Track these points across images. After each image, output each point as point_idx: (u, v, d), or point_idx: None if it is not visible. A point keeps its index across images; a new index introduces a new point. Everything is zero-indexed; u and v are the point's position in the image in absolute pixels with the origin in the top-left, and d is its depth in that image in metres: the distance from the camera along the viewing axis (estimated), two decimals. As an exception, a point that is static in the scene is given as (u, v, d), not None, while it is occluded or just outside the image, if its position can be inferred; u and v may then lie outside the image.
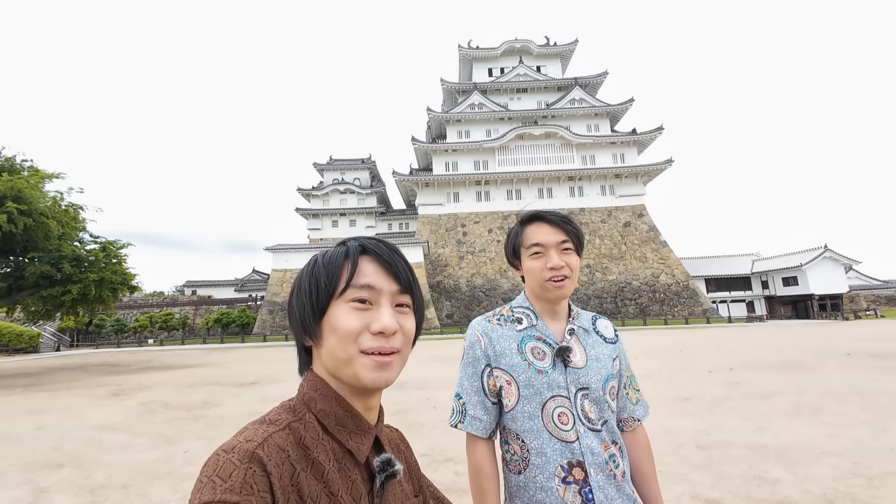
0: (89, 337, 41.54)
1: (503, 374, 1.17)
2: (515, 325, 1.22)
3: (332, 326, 0.64)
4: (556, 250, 1.18)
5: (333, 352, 0.64)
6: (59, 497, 4.14)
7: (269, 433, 0.58)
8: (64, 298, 18.21)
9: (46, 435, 6.75)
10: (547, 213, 1.22)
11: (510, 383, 1.15)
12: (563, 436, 1.10)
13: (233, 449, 0.55)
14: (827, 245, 41.73)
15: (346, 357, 0.63)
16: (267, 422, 0.62)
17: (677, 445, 5.04)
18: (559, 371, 1.14)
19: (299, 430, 0.61)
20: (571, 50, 55.60)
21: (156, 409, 8.68)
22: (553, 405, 1.12)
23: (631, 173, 48.25)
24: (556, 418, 1.11)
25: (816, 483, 3.80)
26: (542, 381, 1.13)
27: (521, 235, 1.24)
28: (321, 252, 0.70)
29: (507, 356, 1.17)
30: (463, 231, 47.66)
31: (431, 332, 36.88)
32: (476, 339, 1.22)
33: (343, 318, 0.64)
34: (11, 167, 18.99)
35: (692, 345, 18.93)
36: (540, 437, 1.11)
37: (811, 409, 6.61)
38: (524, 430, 1.13)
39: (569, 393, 1.12)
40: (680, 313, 42.18)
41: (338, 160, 57.59)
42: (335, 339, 0.64)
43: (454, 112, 50.81)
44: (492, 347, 1.19)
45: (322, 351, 0.66)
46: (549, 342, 1.18)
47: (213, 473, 0.53)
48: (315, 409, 0.64)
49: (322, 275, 0.66)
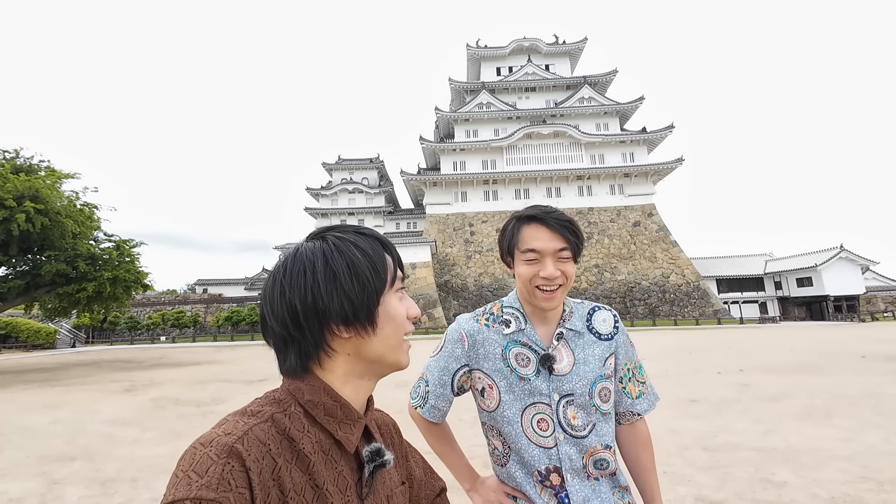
0: (104, 334, 42.43)
1: (485, 377, 1.15)
2: (503, 327, 1.17)
3: (391, 315, 0.66)
4: (552, 258, 1.09)
5: (388, 339, 0.66)
6: (70, 489, 4.25)
7: (249, 426, 0.57)
8: (79, 296, 18.63)
9: (61, 428, 6.92)
10: (547, 215, 1.12)
11: (491, 387, 1.14)
12: (542, 442, 1.09)
13: (210, 442, 0.54)
14: (843, 245, 40.86)
15: (396, 342, 0.67)
16: (248, 413, 0.60)
17: (683, 447, 4.98)
18: (542, 378, 1.11)
19: (283, 422, 0.60)
20: (581, 48, 55.19)
21: (166, 404, 8.85)
22: (533, 412, 1.10)
23: (640, 172, 47.75)
24: (535, 424, 1.10)
25: (825, 487, 3.73)
26: (523, 388, 1.11)
27: (516, 235, 1.15)
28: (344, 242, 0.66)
29: (489, 360, 1.14)
30: (471, 230, 47.63)
31: (439, 332, 36.94)
32: (459, 338, 1.18)
33: (398, 305, 0.68)
34: (29, 168, 19.47)
35: (702, 346, 18.68)
36: (519, 441, 1.10)
37: (822, 412, 6.48)
38: (505, 431, 1.13)
39: (550, 400, 1.10)
40: (690, 314, 41.65)
41: (346, 160, 57.95)
42: (393, 326, 0.67)
43: (462, 111, 50.79)
44: (474, 350, 1.17)
45: (373, 339, 0.65)
46: (535, 348, 1.13)
47: (189, 468, 0.51)
48: (303, 399, 0.63)
49: (375, 264, 0.66)
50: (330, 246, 0.65)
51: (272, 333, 0.65)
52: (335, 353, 0.65)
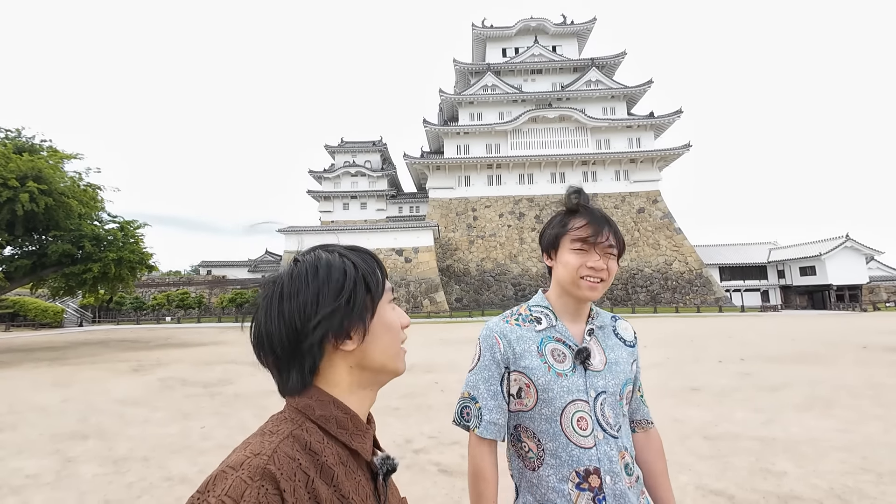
0: (110, 313, 42.97)
1: (522, 376, 1.13)
2: (534, 325, 1.18)
3: (388, 325, 0.69)
4: (600, 250, 1.13)
5: (387, 348, 0.69)
6: (84, 467, 4.37)
7: (275, 444, 0.57)
8: (85, 276, 18.81)
9: (72, 407, 7.08)
10: (594, 210, 1.16)
11: (529, 386, 1.12)
12: (581, 441, 1.07)
13: (241, 465, 0.53)
14: (849, 234, 40.53)
15: (395, 351, 0.70)
16: (268, 433, 0.60)
17: (684, 436, 5.05)
18: (579, 374, 1.11)
19: (303, 437, 0.60)
20: (589, 29, 53.74)
21: (174, 385, 9.01)
22: (573, 409, 1.09)
23: (647, 158, 47.10)
24: (576, 423, 1.08)
25: (824, 477, 3.79)
26: (561, 385, 1.10)
27: (567, 225, 1.16)
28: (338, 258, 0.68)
29: (526, 358, 1.13)
30: (473, 215, 47.43)
31: (441, 316, 37.23)
32: (494, 342, 1.17)
33: (392, 316, 0.71)
34: (31, 148, 19.37)
35: (703, 334, 18.77)
36: (556, 440, 1.08)
37: (823, 402, 6.54)
38: (541, 430, 1.10)
39: (588, 397, 1.10)
40: (692, 301, 41.72)
41: (349, 142, 57.37)
42: (390, 336, 0.70)
43: (466, 94, 49.89)
44: (511, 350, 1.15)
45: (374, 349, 0.68)
46: (569, 344, 1.14)
47: (222, 493, 0.50)
48: (314, 415, 0.63)
49: (371, 277, 0.69)
50: (325, 262, 0.67)
51: (271, 354, 0.64)
52: (338, 366, 0.66)
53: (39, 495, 3.72)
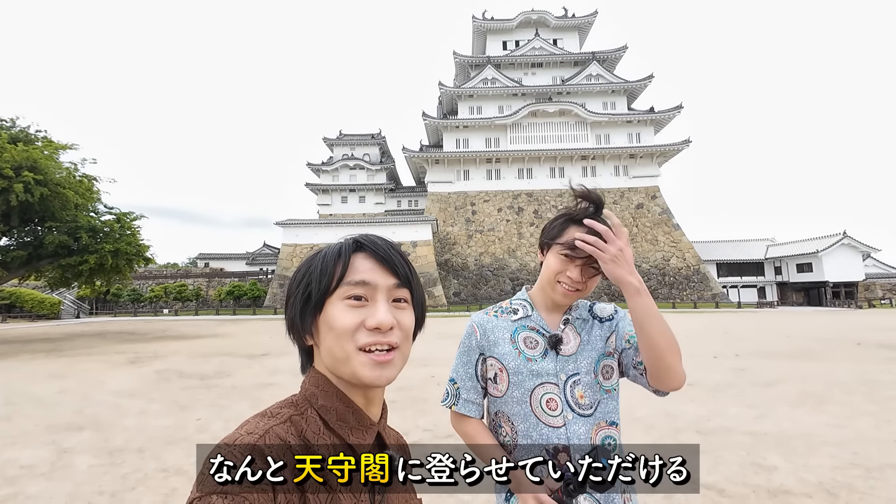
0: (107, 305, 42.92)
1: (496, 362, 1.22)
2: (511, 315, 1.27)
3: (329, 324, 0.64)
4: (582, 265, 1.13)
5: (331, 350, 0.64)
6: (79, 458, 4.37)
7: (269, 426, 0.59)
8: (82, 268, 18.76)
9: (68, 398, 7.08)
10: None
11: (502, 371, 1.20)
12: (551, 421, 1.14)
13: (234, 442, 0.56)
14: (846, 231, 40.67)
15: (343, 355, 0.63)
16: (268, 415, 0.63)
17: (676, 430, 5.09)
18: (550, 359, 1.18)
19: (300, 424, 0.62)
20: (590, 22, 53.33)
21: (170, 377, 9.02)
22: (541, 392, 1.16)
23: (646, 153, 47.04)
24: (545, 404, 1.15)
25: (814, 472, 3.83)
26: (530, 369, 1.17)
27: (564, 234, 1.16)
28: (319, 251, 0.69)
29: (499, 345, 1.22)
30: (472, 210, 47.36)
31: (438, 310, 37.31)
32: (472, 331, 1.28)
33: (338, 315, 0.63)
34: (26, 137, 19.20)
35: (699, 329, 18.88)
36: (527, 420, 1.15)
37: (815, 398, 6.59)
38: (514, 413, 1.17)
39: (558, 380, 1.17)
40: (689, 297, 41.90)
41: (347, 135, 57.00)
42: (332, 337, 0.63)
43: (466, 87, 49.59)
44: (485, 338, 1.25)
45: (321, 349, 0.66)
46: (543, 332, 1.21)
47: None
48: (317, 404, 0.64)
49: (316, 273, 0.66)
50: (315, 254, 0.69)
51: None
52: (317, 358, 0.68)
53: (34, 486, 3.73)
